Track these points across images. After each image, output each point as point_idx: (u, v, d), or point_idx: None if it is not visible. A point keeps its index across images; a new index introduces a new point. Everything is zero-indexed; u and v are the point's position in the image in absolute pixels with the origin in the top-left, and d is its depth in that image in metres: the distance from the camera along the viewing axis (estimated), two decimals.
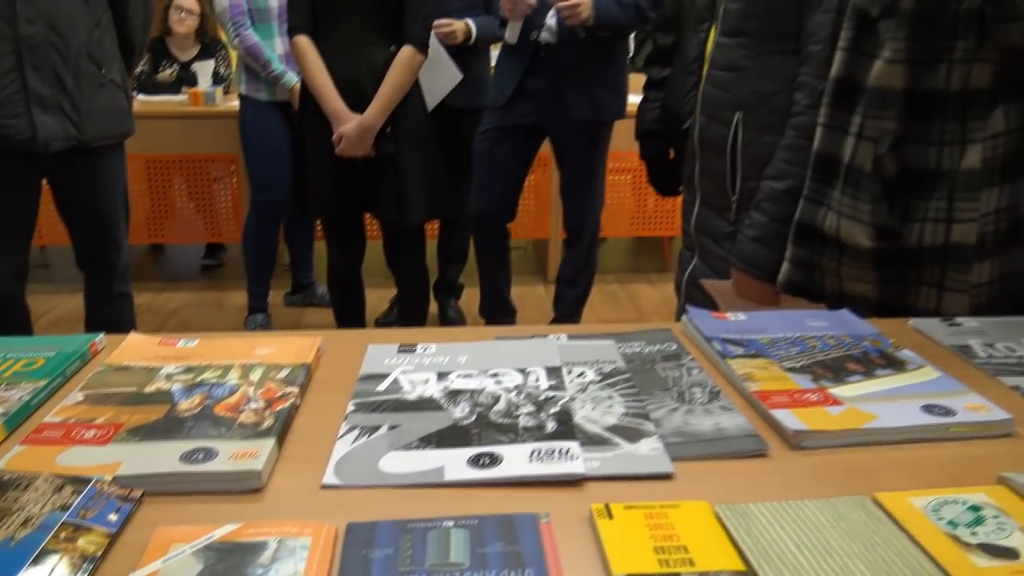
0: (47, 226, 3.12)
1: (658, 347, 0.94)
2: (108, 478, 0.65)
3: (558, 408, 0.77)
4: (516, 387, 0.82)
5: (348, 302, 2.82)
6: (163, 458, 0.68)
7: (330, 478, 0.67)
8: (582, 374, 0.86)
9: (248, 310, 3.45)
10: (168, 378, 0.84)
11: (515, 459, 0.69)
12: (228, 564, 0.55)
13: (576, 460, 0.68)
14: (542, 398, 0.80)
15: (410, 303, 2.80)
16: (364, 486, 0.66)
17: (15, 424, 0.76)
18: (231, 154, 3.78)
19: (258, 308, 3.44)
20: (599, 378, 0.85)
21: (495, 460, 0.69)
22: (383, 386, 0.83)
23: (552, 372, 0.86)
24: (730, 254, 1.42)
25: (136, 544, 0.58)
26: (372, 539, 0.58)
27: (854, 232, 1.13)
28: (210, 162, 3.95)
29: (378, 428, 0.75)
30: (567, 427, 0.74)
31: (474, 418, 0.76)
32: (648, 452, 0.70)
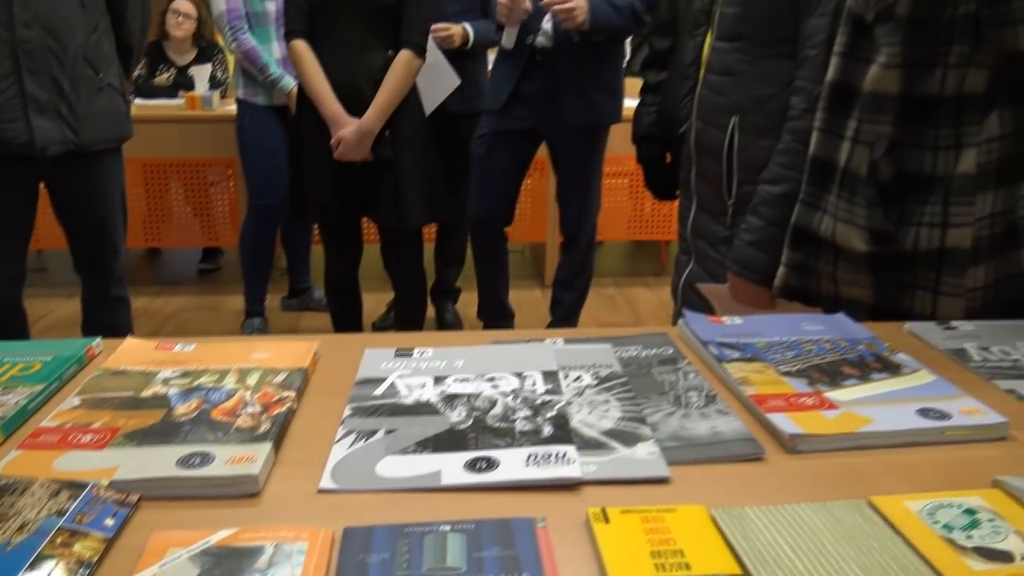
0: (44, 230, 3.10)
1: (654, 351, 0.94)
2: (105, 483, 0.65)
3: (555, 412, 0.77)
4: (513, 391, 0.82)
5: (345, 306, 2.82)
6: (160, 462, 0.68)
7: (327, 482, 0.67)
8: (579, 378, 0.86)
9: (245, 314, 3.45)
10: (165, 382, 0.84)
11: (512, 463, 0.69)
12: (225, 569, 0.55)
13: (573, 464, 0.69)
14: (539, 402, 0.80)
15: (407, 307, 2.80)
16: (361, 490, 0.67)
17: (11, 429, 0.76)
18: (228, 158, 3.78)
19: (255, 312, 3.44)
20: (596, 382, 0.85)
21: (492, 464, 0.69)
22: (380, 390, 0.84)
23: (549, 376, 0.86)
24: (726, 258, 1.42)
25: (133, 549, 0.58)
26: (369, 543, 0.58)
27: (850, 236, 1.13)
28: (207, 166, 3.95)
29: (375, 432, 0.75)
30: (564, 431, 0.74)
31: (471, 422, 0.76)
32: (644, 456, 0.71)
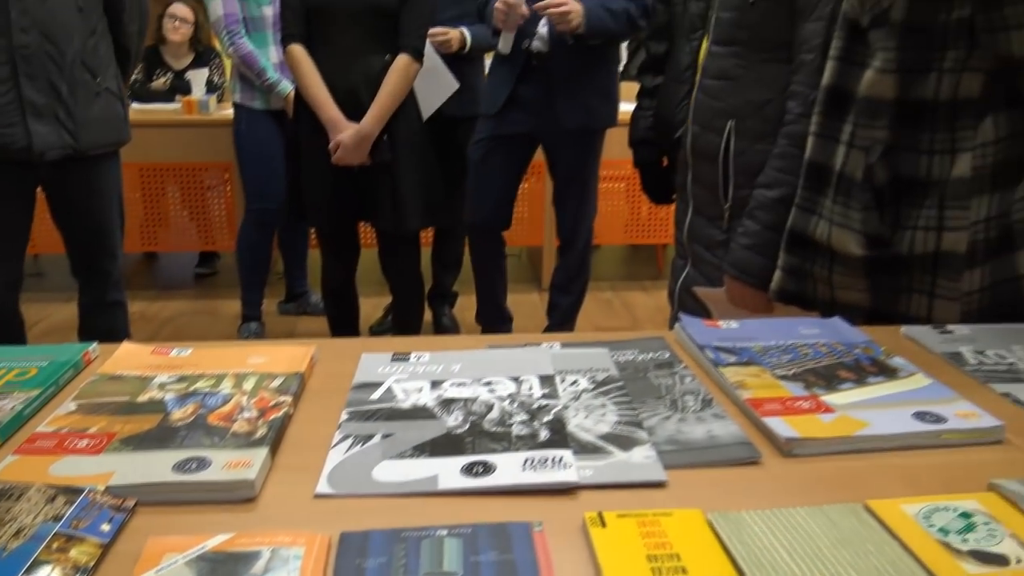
0: (41, 235, 3.11)
1: (651, 355, 0.94)
2: (101, 488, 0.65)
3: (551, 416, 0.78)
4: (509, 396, 0.82)
5: (342, 310, 2.82)
6: (156, 468, 0.68)
7: (323, 487, 0.67)
8: (575, 382, 0.86)
9: (242, 318, 3.45)
10: (161, 387, 0.84)
11: (508, 468, 0.69)
12: (221, 574, 0.55)
13: (569, 468, 0.69)
14: (535, 406, 0.80)
15: (405, 311, 2.80)
16: (357, 495, 0.67)
17: (7, 434, 0.76)
18: (225, 162, 3.79)
19: (252, 316, 3.44)
20: (592, 386, 0.85)
21: (488, 469, 0.69)
22: (377, 395, 0.84)
23: (545, 380, 0.86)
24: (723, 262, 1.42)
25: (129, 554, 0.58)
26: (365, 548, 0.58)
27: (845, 240, 1.13)
28: (204, 170, 3.95)
29: (371, 437, 0.75)
30: (560, 435, 0.74)
31: (467, 427, 0.76)
32: (641, 460, 0.71)
